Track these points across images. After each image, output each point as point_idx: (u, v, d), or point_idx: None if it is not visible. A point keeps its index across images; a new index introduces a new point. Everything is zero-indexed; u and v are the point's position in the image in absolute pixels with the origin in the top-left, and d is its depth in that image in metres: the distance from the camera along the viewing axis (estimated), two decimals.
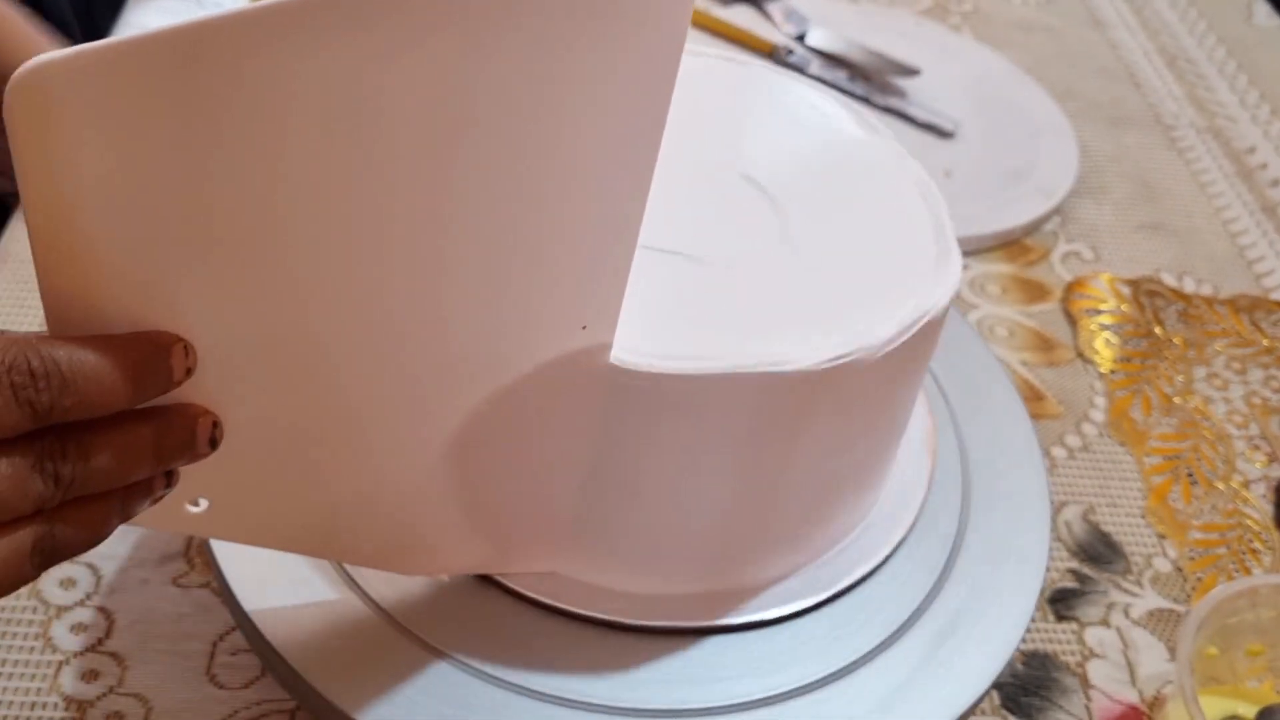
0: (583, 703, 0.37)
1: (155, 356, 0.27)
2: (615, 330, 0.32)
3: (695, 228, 0.38)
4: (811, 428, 0.35)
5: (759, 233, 0.38)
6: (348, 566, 0.39)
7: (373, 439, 0.32)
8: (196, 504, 0.31)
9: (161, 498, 0.29)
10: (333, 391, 0.31)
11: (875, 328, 0.35)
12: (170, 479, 0.30)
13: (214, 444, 0.29)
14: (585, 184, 0.29)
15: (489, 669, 0.37)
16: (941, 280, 0.37)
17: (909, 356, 0.36)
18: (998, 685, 0.46)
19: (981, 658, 0.40)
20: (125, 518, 0.29)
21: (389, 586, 0.38)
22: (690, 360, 0.33)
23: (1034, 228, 0.70)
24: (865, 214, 0.39)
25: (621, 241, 0.30)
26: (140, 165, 0.25)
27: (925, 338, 0.36)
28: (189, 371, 0.28)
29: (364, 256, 0.28)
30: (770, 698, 0.38)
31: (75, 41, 0.24)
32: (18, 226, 0.59)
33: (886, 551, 0.42)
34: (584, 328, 0.31)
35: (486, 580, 0.39)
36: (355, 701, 0.35)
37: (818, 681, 0.38)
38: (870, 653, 0.39)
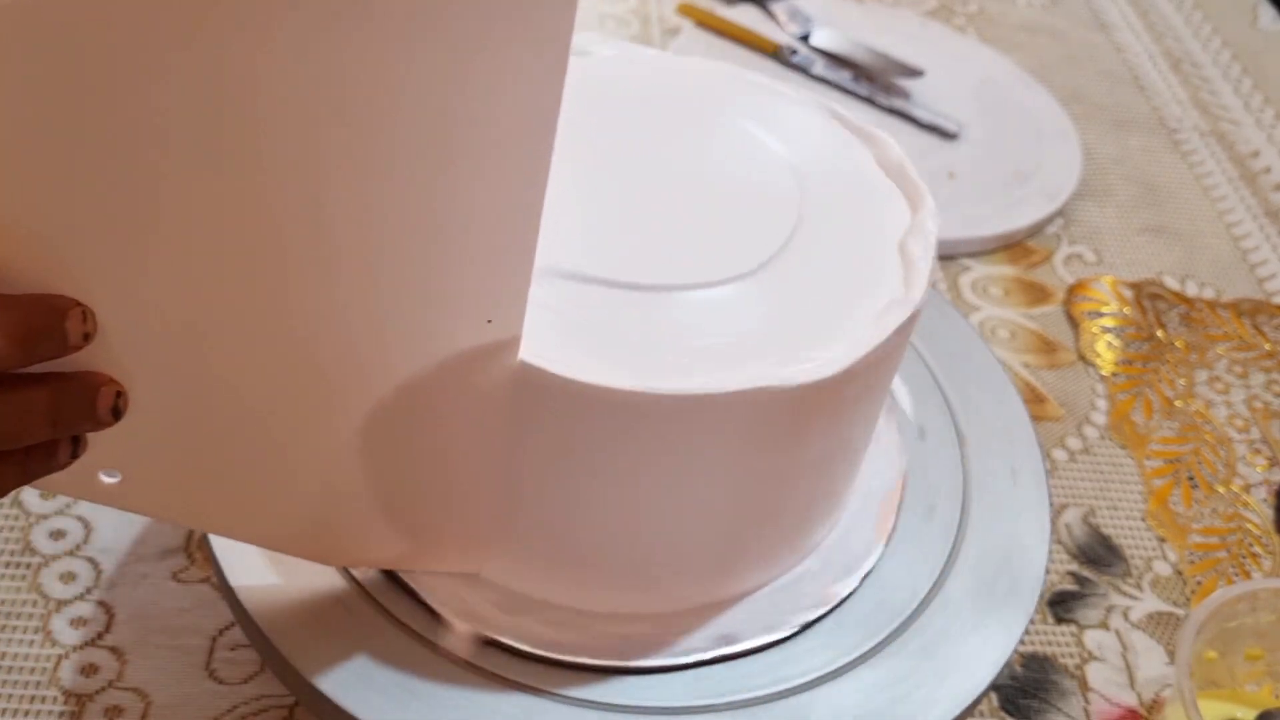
0: (585, 701, 0.37)
1: (49, 319, 0.27)
2: (521, 326, 0.32)
3: (650, 247, 0.37)
4: (732, 457, 0.35)
5: (719, 252, 0.37)
6: (349, 566, 0.39)
7: (278, 424, 0.32)
8: (111, 474, 0.31)
9: (67, 464, 0.29)
10: (235, 374, 0.30)
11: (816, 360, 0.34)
12: (76, 446, 0.29)
13: (117, 414, 0.29)
14: (479, 177, 0.28)
15: (488, 666, 0.37)
16: (891, 311, 0.36)
17: (859, 382, 0.36)
18: (996, 687, 0.46)
19: (980, 659, 0.39)
20: (23, 481, 0.28)
21: (388, 582, 0.39)
22: (610, 374, 0.32)
23: (1037, 230, 0.70)
24: (834, 231, 0.39)
25: (522, 234, 0.30)
26: (30, 124, 0.25)
27: (876, 363, 0.36)
28: (87, 337, 0.28)
29: (252, 241, 0.28)
30: (764, 698, 0.38)
31: None
32: None
33: (868, 567, 0.41)
34: (489, 322, 0.31)
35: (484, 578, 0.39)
36: (354, 697, 0.35)
37: (815, 681, 0.38)
38: (868, 653, 0.39)
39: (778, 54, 0.79)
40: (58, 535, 0.47)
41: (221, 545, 0.39)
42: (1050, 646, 0.49)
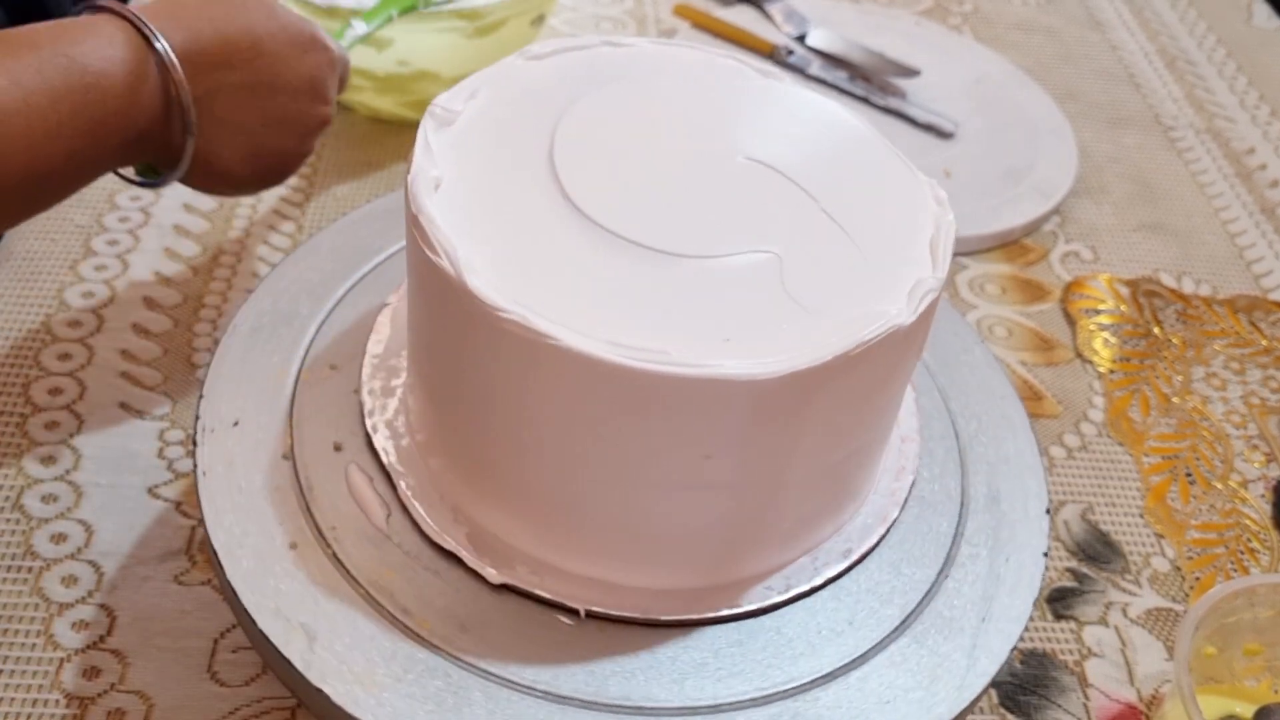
0: (585, 701, 0.37)
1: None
2: None
3: (683, 222, 0.38)
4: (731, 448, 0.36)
5: (746, 229, 0.38)
6: (349, 566, 0.39)
7: None
8: None
9: None
10: None
11: (835, 337, 0.35)
12: None
13: None
14: None
15: (489, 667, 0.37)
16: (909, 294, 0.37)
17: (880, 360, 0.36)
18: (996, 684, 0.46)
19: (980, 656, 0.40)
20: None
21: (388, 584, 0.39)
22: (659, 359, 0.33)
23: (1033, 228, 0.70)
24: (862, 213, 0.39)
25: None
26: None
27: (892, 345, 0.36)
28: None
29: None
30: (766, 697, 0.38)
31: None
32: (20, 225, 0.59)
33: (870, 543, 0.42)
34: None
35: (484, 580, 0.39)
36: (356, 699, 0.35)
37: (815, 681, 0.38)
38: (868, 651, 0.39)
39: (774, 54, 0.79)
40: (59, 539, 0.47)
41: (223, 548, 0.39)
42: (1049, 643, 0.49)
